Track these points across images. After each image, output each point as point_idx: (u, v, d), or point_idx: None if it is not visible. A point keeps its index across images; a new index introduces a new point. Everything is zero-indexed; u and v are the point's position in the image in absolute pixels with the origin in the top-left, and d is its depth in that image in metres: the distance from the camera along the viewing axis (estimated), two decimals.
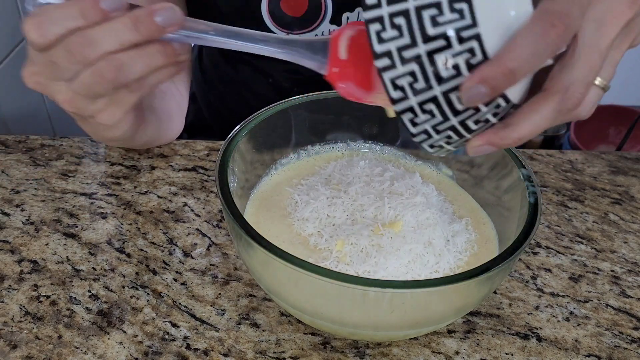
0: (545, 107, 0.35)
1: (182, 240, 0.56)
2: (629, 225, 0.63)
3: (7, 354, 0.45)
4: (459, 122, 0.35)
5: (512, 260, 0.39)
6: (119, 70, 0.39)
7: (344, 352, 0.47)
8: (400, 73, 0.33)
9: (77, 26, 0.38)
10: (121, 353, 0.46)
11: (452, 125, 0.35)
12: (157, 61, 0.40)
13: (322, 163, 0.57)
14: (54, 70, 0.40)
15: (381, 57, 0.33)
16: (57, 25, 0.38)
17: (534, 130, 0.36)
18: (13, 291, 0.50)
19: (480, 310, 0.51)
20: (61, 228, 0.57)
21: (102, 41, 0.38)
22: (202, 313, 0.49)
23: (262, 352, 0.46)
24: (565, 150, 0.74)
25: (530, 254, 0.58)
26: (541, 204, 0.44)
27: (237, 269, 0.54)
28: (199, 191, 0.63)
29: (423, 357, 0.47)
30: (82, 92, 0.40)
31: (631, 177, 0.70)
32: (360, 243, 0.45)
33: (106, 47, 0.38)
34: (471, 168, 0.55)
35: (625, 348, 0.49)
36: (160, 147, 0.69)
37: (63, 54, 0.38)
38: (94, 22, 0.38)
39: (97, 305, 0.50)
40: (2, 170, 0.64)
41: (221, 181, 0.44)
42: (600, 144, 1.93)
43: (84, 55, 0.38)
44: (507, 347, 0.48)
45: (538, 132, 0.36)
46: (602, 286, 0.55)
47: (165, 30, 0.38)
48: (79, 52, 0.38)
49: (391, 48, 0.33)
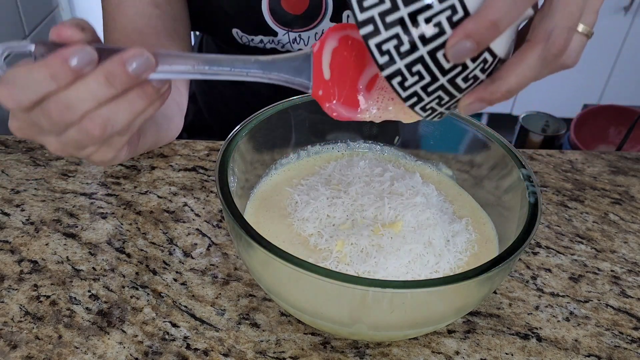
0: (530, 56, 0.36)
1: (182, 240, 0.56)
2: (629, 225, 0.63)
3: (7, 354, 0.45)
4: (447, 80, 0.35)
5: (512, 260, 0.39)
6: (104, 125, 0.38)
7: (344, 352, 0.47)
8: (385, 38, 0.34)
9: (49, 91, 0.36)
10: (121, 353, 0.46)
11: (441, 85, 0.36)
12: (140, 106, 0.38)
13: (322, 163, 0.57)
14: (37, 128, 0.39)
15: (365, 24, 0.34)
16: (29, 92, 0.36)
17: (522, 81, 0.36)
18: (13, 291, 0.50)
19: (480, 310, 0.51)
20: (61, 228, 0.57)
21: (78, 103, 0.36)
22: (202, 313, 0.49)
23: (262, 352, 0.46)
24: (565, 150, 0.74)
25: (530, 254, 0.58)
26: (541, 204, 0.44)
27: (237, 269, 0.54)
28: (199, 191, 0.63)
29: (423, 357, 0.47)
30: (72, 145, 0.39)
31: (631, 177, 0.70)
32: (361, 243, 0.45)
33: (84, 108, 0.36)
34: (471, 168, 0.55)
35: (625, 348, 0.49)
36: (160, 147, 0.69)
37: (43, 118, 0.37)
38: (66, 84, 0.36)
39: (97, 305, 0.50)
40: (2, 170, 0.64)
41: (221, 181, 0.44)
42: (600, 144, 1.94)
43: (64, 119, 0.37)
44: (507, 347, 0.48)
45: (526, 83, 0.37)
46: (602, 286, 0.55)
47: (140, 77, 0.37)
48: (58, 117, 0.37)
49: (374, 14, 0.34)
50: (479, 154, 0.53)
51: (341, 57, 0.39)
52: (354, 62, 0.39)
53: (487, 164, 0.53)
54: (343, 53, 0.39)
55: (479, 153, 0.53)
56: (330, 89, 0.39)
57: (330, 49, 0.39)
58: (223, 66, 0.38)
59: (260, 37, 0.72)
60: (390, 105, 0.41)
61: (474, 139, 0.53)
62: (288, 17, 0.69)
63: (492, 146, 0.51)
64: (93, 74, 0.36)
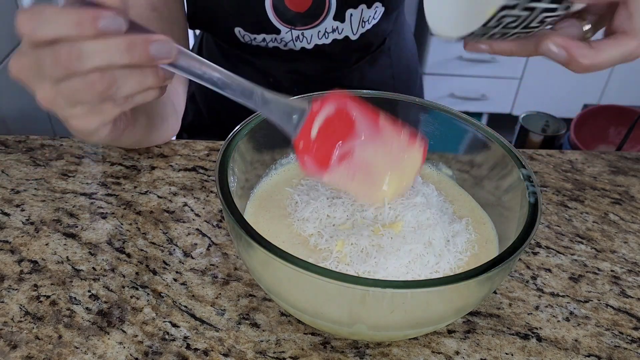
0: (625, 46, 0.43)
1: (182, 240, 0.56)
2: (629, 225, 0.63)
3: (7, 354, 0.45)
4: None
5: (512, 260, 0.39)
6: (111, 85, 0.38)
7: (344, 352, 0.47)
8: None
9: (68, 35, 0.36)
10: (121, 353, 0.46)
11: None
12: (150, 82, 0.39)
13: None
14: (40, 69, 0.38)
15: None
16: (49, 27, 0.36)
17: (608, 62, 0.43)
18: (13, 291, 0.50)
19: (480, 310, 0.51)
20: (61, 228, 0.57)
21: (92, 56, 0.36)
22: (202, 313, 0.49)
23: (262, 352, 0.46)
24: (565, 150, 0.74)
25: (530, 254, 0.58)
26: (541, 204, 0.44)
27: (237, 269, 0.54)
28: (199, 191, 0.63)
29: (423, 357, 0.47)
30: (66, 96, 0.39)
31: (631, 177, 0.70)
32: (361, 243, 0.45)
33: (95, 63, 0.37)
34: (471, 168, 0.55)
35: (625, 348, 0.49)
36: (160, 147, 0.69)
37: (50, 59, 0.37)
38: (87, 35, 0.36)
39: (97, 305, 0.50)
40: (2, 170, 0.64)
41: (221, 181, 0.44)
42: (600, 144, 1.94)
43: (70, 66, 0.37)
44: (507, 347, 0.48)
45: (607, 66, 0.43)
46: (602, 286, 0.55)
47: (156, 60, 0.38)
48: (66, 61, 0.37)
49: None
50: (479, 154, 0.53)
51: (331, 125, 0.43)
52: (340, 132, 0.43)
53: (487, 164, 0.53)
54: (334, 122, 0.43)
55: (479, 153, 0.53)
56: (311, 145, 0.43)
57: (325, 114, 0.43)
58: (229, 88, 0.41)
59: (263, 35, 0.72)
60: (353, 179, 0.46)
61: (474, 139, 0.53)
62: (291, 15, 0.69)
63: (492, 146, 0.51)
64: (117, 37, 0.37)
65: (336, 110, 0.43)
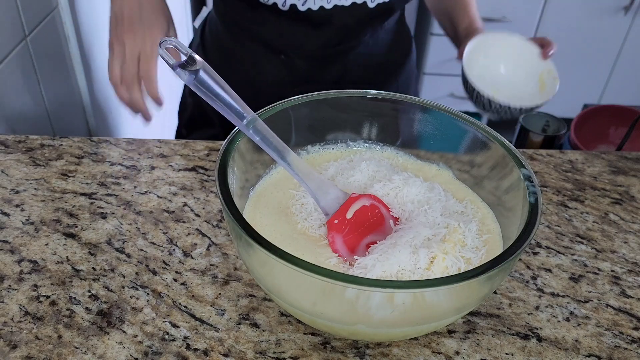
0: None
1: (182, 240, 0.56)
2: (629, 225, 0.62)
3: (7, 354, 0.45)
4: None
5: (512, 260, 0.39)
6: None
7: (344, 352, 0.47)
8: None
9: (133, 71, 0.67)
10: (121, 353, 0.46)
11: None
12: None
13: (322, 163, 0.57)
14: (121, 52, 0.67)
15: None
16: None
17: None
18: (13, 291, 0.50)
19: (480, 310, 0.51)
20: (61, 228, 0.57)
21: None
22: (202, 313, 0.49)
23: (262, 352, 0.46)
24: (566, 150, 0.74)
25: (530, 254, 0.58)
26: (541, 204, 0.44)
27: (237, 269, 0.53)
28: (199, 191, 0.63)
29: (423, 357, 0.47)
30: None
31: (631, 177, 0.70)
32: None
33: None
34: (471, 168, 0.55)
35: (625, 348, 0.49)
36: (160, 147, 0.69)
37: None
38: None
39: (97, 305, 0.50)
40: (2, 170, 0.64)
41: (221, 181, 0.44)
42: (600, 144, 1.93)
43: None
44: (507, 347, 0.48)
45: None
46: (602, 286, 0.55)
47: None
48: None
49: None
50: (479, 154, 0.53)
51: (365, 213, 0.47)
52: (370, 223, 0.48)
53: (487, 164, 0.53)
54: (368, 212, 0.48)
55: (479, 153, 0.53)
56: (344, 225, 0.47)
57: (362, 203, 0.48)
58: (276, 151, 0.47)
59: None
60: None
61: (474, 139, 0.53)
62: None
63: (492, 146, 0.51)
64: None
65: (371, 205, 0.48)
